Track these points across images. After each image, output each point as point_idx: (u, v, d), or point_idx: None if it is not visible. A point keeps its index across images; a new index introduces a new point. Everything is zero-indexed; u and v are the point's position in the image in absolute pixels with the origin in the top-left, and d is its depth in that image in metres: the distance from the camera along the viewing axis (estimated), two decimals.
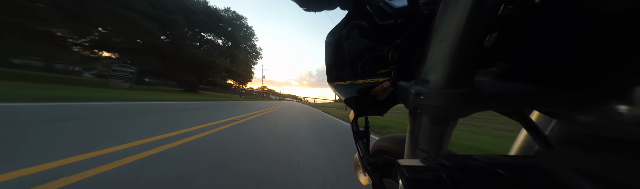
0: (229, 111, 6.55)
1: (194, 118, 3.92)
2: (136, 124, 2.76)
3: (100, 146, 1.71)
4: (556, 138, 0.25)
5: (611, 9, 0.16)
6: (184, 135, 2.46)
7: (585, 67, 0.18)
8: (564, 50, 0.19)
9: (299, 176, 1.64)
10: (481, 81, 0.23)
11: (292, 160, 2.03)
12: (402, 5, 0.42)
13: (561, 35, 0.19)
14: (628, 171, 0.18)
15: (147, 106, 4.81)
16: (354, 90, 0.41)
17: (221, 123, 3.81)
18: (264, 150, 2.31)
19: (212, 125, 3.42)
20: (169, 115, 3.89)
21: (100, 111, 3.38)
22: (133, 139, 2.02)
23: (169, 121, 3.24)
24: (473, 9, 0.20)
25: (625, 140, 0.17)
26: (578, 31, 0.18)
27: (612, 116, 0.17)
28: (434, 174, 0.24)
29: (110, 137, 2.00)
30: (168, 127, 2.78)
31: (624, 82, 0.16)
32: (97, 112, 3.23)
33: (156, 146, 1.92)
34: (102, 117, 2.89)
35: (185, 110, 5.09)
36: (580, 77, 0.18)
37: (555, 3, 0.19)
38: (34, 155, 1.38)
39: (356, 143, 0.56)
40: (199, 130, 2.86)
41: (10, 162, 1.25)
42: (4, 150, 1.40)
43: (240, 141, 2.58)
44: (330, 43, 0.57)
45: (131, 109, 4.06)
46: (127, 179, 1.24)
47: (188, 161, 1.65)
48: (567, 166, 0.23)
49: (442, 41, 0.23)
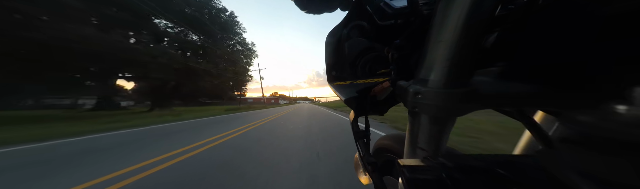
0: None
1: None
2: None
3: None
4: (557, 137, 0.25)
5: (611, 8, 0.16)
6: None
7: (585, 67, 0.18)
8: (564, 50, 0.19)
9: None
10: (480, 81, 0.24)
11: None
12: (402, 6, 0.42)
13: (561, 35, 0.19)
14: (628, 171, 0.18)
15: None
16: (354, 90, 0.42)
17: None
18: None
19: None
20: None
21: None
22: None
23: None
24: (471, 9, 0.20)
25: (625, 140, 0.17)
26: (578, 31, 0.18)
27: (612, 116, 0.17)
28: (434, 174, 0.24)
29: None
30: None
31: (624, 82, 0.16)
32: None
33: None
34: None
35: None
36: (579, 77, 0.19)
37: (555, 3, 0.19)
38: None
39: (356, 143, 0.56)
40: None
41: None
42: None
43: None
44: (330, 44, 0.57)
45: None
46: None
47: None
48: (567, 166, 0.23)
49: (441, 41, 0.23)
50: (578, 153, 0.22)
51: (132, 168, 2.16)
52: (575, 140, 0.22)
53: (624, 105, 0.16)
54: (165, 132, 4.92)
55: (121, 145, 3.51)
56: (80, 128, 5.67)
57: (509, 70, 0.22)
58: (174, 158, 2.51)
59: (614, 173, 0.19)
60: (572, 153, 0.22)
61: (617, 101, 0.17)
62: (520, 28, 0.22)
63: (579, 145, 0.22)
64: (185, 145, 3.29)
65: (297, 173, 1.87)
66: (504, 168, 0.25)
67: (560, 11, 0.19)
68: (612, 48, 0.16)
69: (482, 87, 0.23)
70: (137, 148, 3.17)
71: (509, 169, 0.25)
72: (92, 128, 5.65)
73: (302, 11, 0.55)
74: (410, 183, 0.24)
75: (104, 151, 3.05)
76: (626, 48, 0.16)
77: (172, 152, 2.80)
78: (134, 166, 2.21)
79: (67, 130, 5.43)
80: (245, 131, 4.83)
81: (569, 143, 0.23)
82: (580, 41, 0.18)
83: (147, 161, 2.39)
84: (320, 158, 2.34)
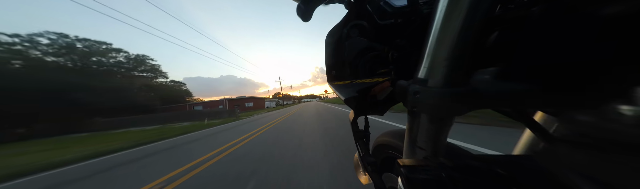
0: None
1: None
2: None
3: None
4: (556, 137, 0.25)
5: (612, 8, 0.16)
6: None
7: (585, 67, 0.18)
8: (563, 50, 0.18)
9: None
10: (479, 80, 0.23)
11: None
12: (402, 5, 0.42)
13: (560, 35, 0.19)
14: (628, 171, 0.18)
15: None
16: (353, 89, 0.41)
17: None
18: None
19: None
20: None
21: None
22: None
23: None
24: (471, 8, 0.20)
25: (625, 140, 0.17)
26: (578, 31, 0.18)
27: (612, 116, 0.17)
28: (433, 174, 0.24)
29: None
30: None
31: (624, 82, 0.16)
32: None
33: None
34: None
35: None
36: (579, 77, 0.18)
37: (555, 2, 0.19)
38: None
39: (356, 143, 0.56)
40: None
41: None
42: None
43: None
44: (330, 43, 0.57)
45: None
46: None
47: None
48: (567, 166, 0.23)
49: (440, 40, 0.23)
50: (578, 153, 0.22)
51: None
52: (574, 140, 0.22)
53: (624, 106, 0.16)
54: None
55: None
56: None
57: (508, 70, 0.22)
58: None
59: (614, 173, 0.19)
60: (572, 153, 0.22)
61: (617, 101, 0.17)
62: (519, 28, 0.22)
63: (578, 145, 0.22)
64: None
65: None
66: (504, 168, 0.25)
67: (560, 11, 0.19)
68: (612, 48, 0.16)
69: (482, 87, 0.23)
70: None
71: (510, 170, 0.25)
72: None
73: (304, 21, 0.56)
74: (409, 183, 0.24)
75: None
76: (626, 49, 0.16)
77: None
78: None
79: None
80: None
81: (568, 143, 0.23)
82: (580, 41, 0.17)
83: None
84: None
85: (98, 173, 3.19)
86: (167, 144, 5.69)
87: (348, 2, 0.54)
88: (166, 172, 2.76)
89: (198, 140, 5.85)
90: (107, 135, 11.80)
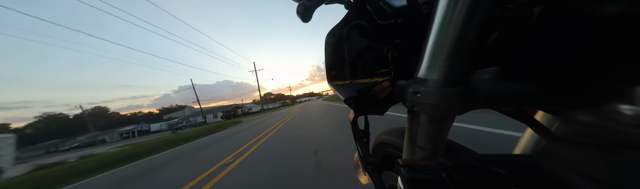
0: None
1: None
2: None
3: None
4: (557, 137, 0.25)
5: (612, 8, 0.15)
6: None
7: (585, 67, 0.18)
8: (563, 50, 0.18)
9: None
10: (479, 80, 0.23)
11: None
12: (401, 5, 0.42)
13: (561, 35, 0.18)
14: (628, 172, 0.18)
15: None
16: (353, 89, 0.41)
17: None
18: None
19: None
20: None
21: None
22: None
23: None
24: (471, 8, 0.20)
25: (625, 140, 0.17)
26: (578, 31, 0.18)
27: (612, 116, 0.17)
28: (433, 174, 0.24)
29: None
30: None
31: (624, 82, 0.16)
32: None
33: None
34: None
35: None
36: (579, 77, 0.18)
37: (555, 2, 0.19)
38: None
39: (356, 143, 0.56)
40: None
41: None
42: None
43: None
44: (330, 44, 0.57)
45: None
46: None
47: None
48: (568, 166, 0.23)
49: (440, 40, 0.23)
50: (578, 153, 0.22)
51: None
52: (575, 140, 0.22)
53: (624, 105, 0.16)
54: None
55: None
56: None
57: (509, 69, 0.22)
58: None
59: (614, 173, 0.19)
60: (572, 152, 0.22)
61: (618, 101, 0.17)
62: (519, 28, 0.22)
63: (579, 145, 0.22)
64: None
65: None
66: (504, 168, 0.25)
67: (560, 11, 0.18)
68: (612, 48, 0.16)
69: (481, 87, 0.23)
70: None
71: (510, 169, 0.24)
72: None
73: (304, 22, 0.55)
74: (409, 183, 0.24)
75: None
76: (627, 49, 0.16)
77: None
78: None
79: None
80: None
81: (569, 143, 0.23)
82: (581, 41, 0.17)
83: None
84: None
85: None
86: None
87: (348, 2, 0.55)
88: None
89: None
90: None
